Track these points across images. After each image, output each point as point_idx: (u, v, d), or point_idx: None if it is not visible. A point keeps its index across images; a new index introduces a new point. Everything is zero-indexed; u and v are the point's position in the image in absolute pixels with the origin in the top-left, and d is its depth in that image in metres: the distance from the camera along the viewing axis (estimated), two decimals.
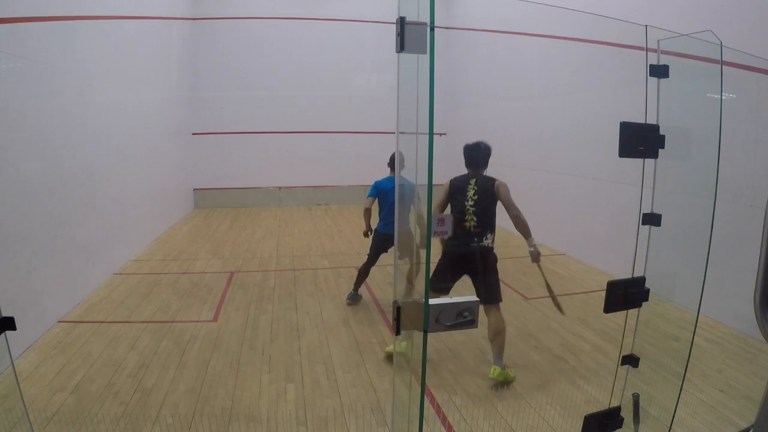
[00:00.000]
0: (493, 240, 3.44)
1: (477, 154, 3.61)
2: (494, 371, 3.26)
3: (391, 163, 4.58)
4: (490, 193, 3.43)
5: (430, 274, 3.21)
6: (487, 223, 3.41)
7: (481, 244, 3.41)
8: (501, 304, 3.39)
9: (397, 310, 1.52)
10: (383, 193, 4.56)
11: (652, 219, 2.14)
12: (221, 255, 6.90)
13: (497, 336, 3.33)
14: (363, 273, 4.77)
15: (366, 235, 4.68)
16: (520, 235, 3.85)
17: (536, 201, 7.41)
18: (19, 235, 3.76)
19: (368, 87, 11.20)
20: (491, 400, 3.09)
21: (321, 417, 2.91)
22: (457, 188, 3.55)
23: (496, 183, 3.49)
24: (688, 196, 2.27)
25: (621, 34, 4.68)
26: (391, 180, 4.54)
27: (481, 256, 3.43)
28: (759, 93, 3.96)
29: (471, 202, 3.45)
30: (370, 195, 4.59)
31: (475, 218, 3.41)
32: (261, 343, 3.91)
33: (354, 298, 4.80)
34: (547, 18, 6.67)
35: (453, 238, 3.51)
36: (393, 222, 4.32)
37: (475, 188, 3.50)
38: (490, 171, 4.18)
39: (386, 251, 4.62)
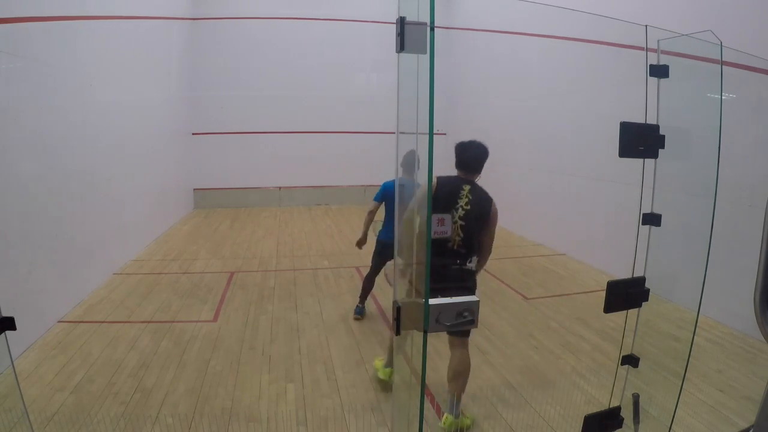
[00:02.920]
0: (477, 263, 2.81)
1: (477, 155, 2.92)
2: (446, 420, 2.68)
3: (404, 163, 3.92)
4: (485, 212, 2.76)
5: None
6: (475, 244, 2.76)
7: (464, 267, 2.71)
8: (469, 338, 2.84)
9: (397, 310, 1.52)
10: (391, 196, 4.02)
11: (652, 219, 2.14)
12: (221, 255, 6.90)
13: (459, 376, 2.74)
14: (368, 283, 4.40)
15: (360, 244, 4.23)
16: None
17: (536, 201, 7.42)
18: (19, 235, 3.76)
19: (368, 87, 11.20)
20: (491, 400, 3.09)
21: (321, 417, 2.91)
22: (447, 192, 2.76)
23: (494, 205, 2.80)
24: (688, 196, 2.27)
25: (621, 34, 4.68)
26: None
27: (461, 281, 2.68)
28: (759, 93, 3.96)
29: (461, 213, 2.72)
30: (376, 198, 4.09)
31: (462, 234, 2.70)
32: (261, 343, 3.91)
33: (361, 312, 4.43)
34: (547, 18, 6.67)
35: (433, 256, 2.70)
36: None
37: (469, 197, 2.75)
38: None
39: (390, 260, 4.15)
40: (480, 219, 2.75)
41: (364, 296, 4.46)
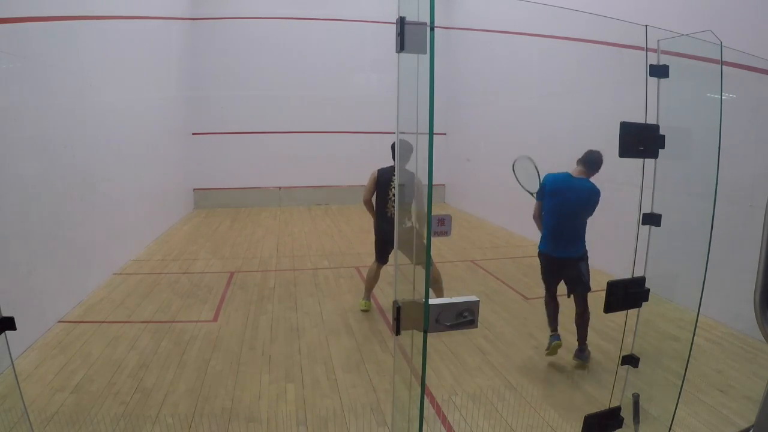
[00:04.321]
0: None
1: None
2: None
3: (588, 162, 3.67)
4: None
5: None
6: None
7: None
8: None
9: (397, 310, 1.52)
10: (550, 190, 3.62)
11: (652, 219, 2.14)
12: (221, 255, 6.90)
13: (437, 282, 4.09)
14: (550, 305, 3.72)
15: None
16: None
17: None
18: (19, 235, 3.76)
19: (368, 87, 11.20)
20: (491, 400, 3.09)
21: (321, 417, 2.91)
22: (384, 178, 4.23)
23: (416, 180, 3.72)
24: (688, 196, 2.27)
25: (621, 34, 4.68)
26: (561, 177, 3.67)
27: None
28: (759, 93, 3.96)
29: (393, 192, 4.13)
30: (539, 196, 3.67)
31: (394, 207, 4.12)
32: (261, 343, 3.91)
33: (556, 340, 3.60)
34: (547, 18, 6.66)
35: (379, 223, 4.35)
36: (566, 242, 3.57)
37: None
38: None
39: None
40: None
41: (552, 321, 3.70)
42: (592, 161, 3.70)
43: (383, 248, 4.42)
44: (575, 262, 3.52)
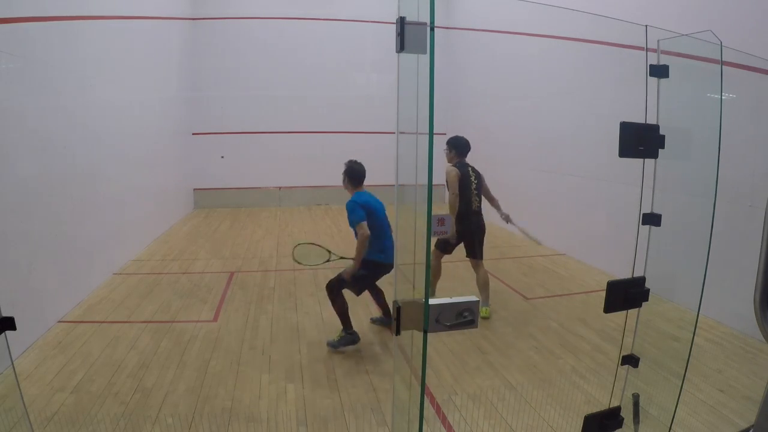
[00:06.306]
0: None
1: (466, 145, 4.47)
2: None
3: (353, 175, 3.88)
4: (480, 176, 4.41)
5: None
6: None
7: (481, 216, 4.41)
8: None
9: (397, 310, 1.52)
10: (374, 208, 3.82)
11: (652, 219, 2.14)
12: (221, 255, 6.90)
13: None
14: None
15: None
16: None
17: (536, 201, 7.42)
18: (19, 235, 3.76)
19: (368, 87, 11.20)
20: (491, 400, 3.09)
21: (321, 417, 2.91)
22: (466, 176, 4.33)
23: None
24: (688, 196, 2.26)
25: (621, 34, 4.68)
26: (364, 195, 3.87)
27: (481, 225, 4.45)
28: (759, 93, 3.96)
29: (474, 185, 4.35)
30: (363, 217, 3.72)
31: (478, 198, 4.38)
32: (261, 343, 3.91)
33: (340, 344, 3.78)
34: (547, 18, 6.67)
35: (466, 218, 4.32)
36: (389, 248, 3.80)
37: (474, 174, 4.40)
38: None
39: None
40: (481, 180, 4.50)
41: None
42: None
43: (474, 242, 4.44)
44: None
